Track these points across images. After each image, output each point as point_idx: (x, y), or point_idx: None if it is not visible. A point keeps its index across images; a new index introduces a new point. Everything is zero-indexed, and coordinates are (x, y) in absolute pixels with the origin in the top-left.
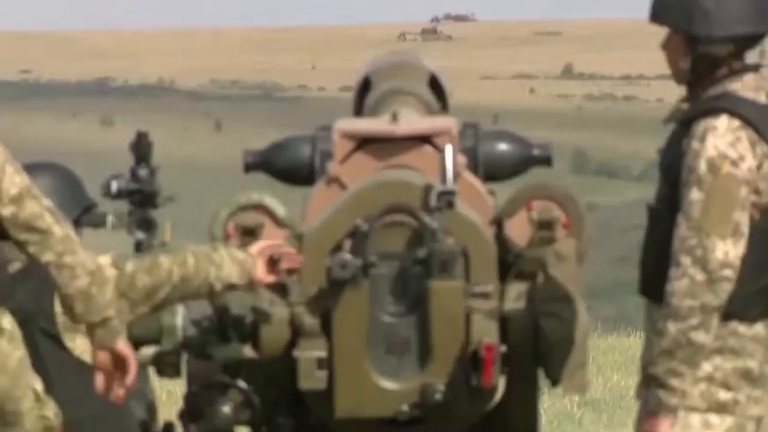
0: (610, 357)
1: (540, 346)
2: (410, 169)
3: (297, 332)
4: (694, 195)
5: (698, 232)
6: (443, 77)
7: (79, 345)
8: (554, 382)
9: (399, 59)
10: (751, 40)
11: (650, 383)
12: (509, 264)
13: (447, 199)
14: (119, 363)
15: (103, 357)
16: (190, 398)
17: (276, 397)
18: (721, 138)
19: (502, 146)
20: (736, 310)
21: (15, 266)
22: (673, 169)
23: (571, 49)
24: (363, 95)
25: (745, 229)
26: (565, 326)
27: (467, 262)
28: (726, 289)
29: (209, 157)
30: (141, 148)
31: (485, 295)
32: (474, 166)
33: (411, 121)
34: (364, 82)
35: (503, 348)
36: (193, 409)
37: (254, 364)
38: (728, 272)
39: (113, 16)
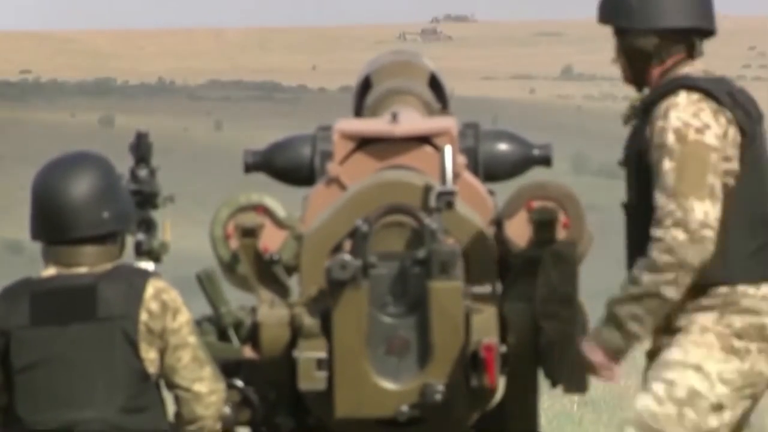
0: None
1: (540, 347)
2: (410, 169)
3: (297, 333)
4: (666, 165)
5: (676, 197)
6: (443, 77)
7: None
8: (554, 382)
9: (399, 58)
10: (677, 34)
11: (610, 321)
12: (509, 264)
13: (446, 199)
14: None
15: None
16: None
17: (275, 397)
18: (683, 111)
19: (502, 146)
20: (738, 274)
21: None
22: (643, 159)
23: (571, 49)
24: (363, 94)
25: (719, 193)
26: (564, 327)
27: (467, 262)
28: (708, 249)
29: (209, 157)
30: (141, 149)
31: (485, 297)
32: (474, 166)
33: (411, 121)
34: (364, 82)
35: (503, 348)
36: None
37: (254, 364)
38: (708, 232)
39: (113, 16)
